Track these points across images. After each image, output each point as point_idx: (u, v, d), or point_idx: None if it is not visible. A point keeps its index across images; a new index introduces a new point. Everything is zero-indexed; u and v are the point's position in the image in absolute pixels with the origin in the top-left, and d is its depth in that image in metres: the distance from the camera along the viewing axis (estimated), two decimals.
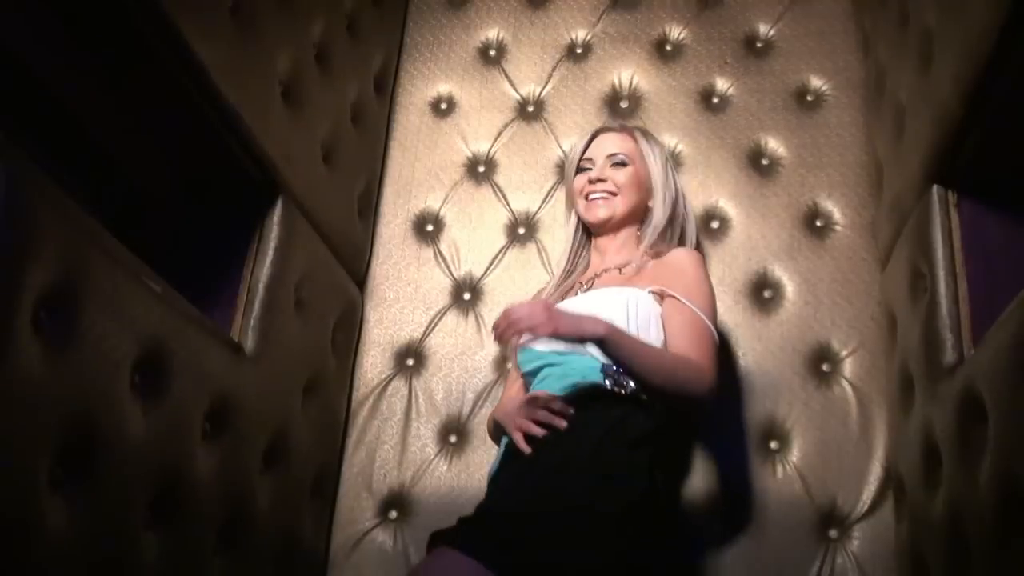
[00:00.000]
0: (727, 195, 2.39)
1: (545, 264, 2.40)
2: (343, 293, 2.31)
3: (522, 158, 2.55)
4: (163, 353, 1.50)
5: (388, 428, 2.30)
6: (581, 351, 1.81)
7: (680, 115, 2.51)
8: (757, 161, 2.42)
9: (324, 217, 2.16)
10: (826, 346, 2.18)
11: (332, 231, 2.22)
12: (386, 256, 2.50)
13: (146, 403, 1.45)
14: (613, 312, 1.80)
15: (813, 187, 2.35)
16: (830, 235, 2.29)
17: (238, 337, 1.82)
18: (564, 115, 2.59)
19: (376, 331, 2.41)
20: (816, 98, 2.45)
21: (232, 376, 1.73)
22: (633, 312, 1.82)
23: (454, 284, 2.44)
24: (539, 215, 2.48)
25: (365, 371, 2.37)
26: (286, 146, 1.96)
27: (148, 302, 1.47)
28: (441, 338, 2.38)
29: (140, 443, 1.42)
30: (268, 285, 1.90)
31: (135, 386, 1.42)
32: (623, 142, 2.10)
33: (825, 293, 2.23)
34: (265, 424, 1.87)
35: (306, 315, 2.06)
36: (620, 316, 1.80)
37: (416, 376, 2.35)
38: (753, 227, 2.34)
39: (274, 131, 1.91)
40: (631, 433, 1.70)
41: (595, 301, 1.89)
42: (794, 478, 2.07)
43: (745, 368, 2.19)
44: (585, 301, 1.91)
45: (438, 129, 2.63)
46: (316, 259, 2.14)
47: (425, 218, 2.53)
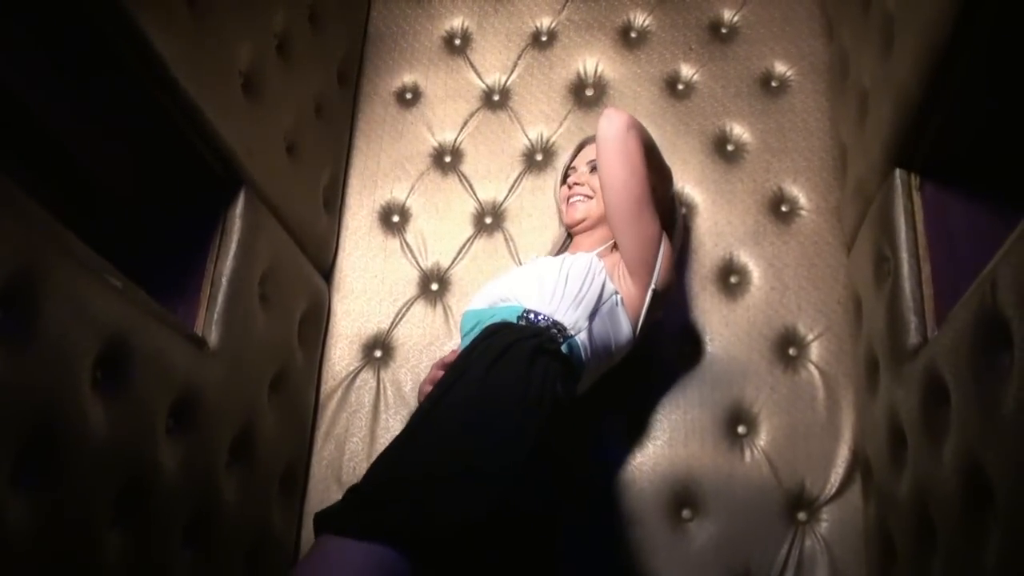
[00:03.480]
0: (693, 181, 2.39)
1: (512, 253, 2.40)
2: (309, 286, 2.30)
3: (488, 147, 2.55)
4: (125, 349, 1.48)
5: (357, 420, 2.29)
6: (509, 301, 1.86)
7: (645, 102, 2.51)
8: (723, 147, 2.42)
9: (288, 209, 2.15)
10: (792, 330, 2.19)
11: (297, 223, 2.20)
12: (352, 248, 2.49)
13: (108, 400, 1.43)
14: (541, 272, 1.86)
15: (778, 172, 2.35)
16: (796, 220, 2.30)
17: (202, 332, 1.80)
18: (530, 103, 2.58)
19: (343, 323, 2.40)
20: (781, 84, 2.46)
21: (196, 371, 1.72)
22: (567, 270, 1.86)
23: (421, 275, 2.43)
24: (506, 204, 2.47)
25: (333, 364, 2.36)
26: (248, 138, 1.93)
27: (108, 298, 1.45)
28: (409, 329, 2.37)
29: (102, 440, 1.40)
30: (232, 279, 1.87)
31: (97, 383, 1.40)
32: None
33: (791, 278, 2.23)
34: (231, 419, 1.85)
35: (271, 308, 2.05)
36: (550, 275, 1.85)
37: (384, 368, 2.34)
38: (719, 213, 2.34)
39: (235, 123, 1.88)
40: (528, 348, 1.67)
41: (520, 269, 1.97)
42: (762, 462, 2.07)
43: (712, 354, 2.20)
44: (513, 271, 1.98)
45: (403, 119, 2.62)
46: (281, 252, 2.12)
47: (391, 209, 2.52)
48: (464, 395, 1.59)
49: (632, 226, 1.90)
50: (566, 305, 1.83)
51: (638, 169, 1.90)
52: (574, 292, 1.85)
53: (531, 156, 2.53)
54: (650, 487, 2.09)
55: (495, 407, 1.56)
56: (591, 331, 1.83)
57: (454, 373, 1.66)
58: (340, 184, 2.53)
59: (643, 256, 1.91)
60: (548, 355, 1.70)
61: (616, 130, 1.90)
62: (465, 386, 1.61)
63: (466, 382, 1.61)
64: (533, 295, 1.86)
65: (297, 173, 2.22)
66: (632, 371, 2.07)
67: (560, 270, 1.89)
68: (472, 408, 1.56)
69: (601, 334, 1.86)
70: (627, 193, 1.89)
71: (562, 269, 1.89)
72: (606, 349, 1.88)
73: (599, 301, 1.86)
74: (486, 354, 1.67)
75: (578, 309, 1.83)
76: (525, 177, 2.49)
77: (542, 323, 1.79)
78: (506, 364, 1.64)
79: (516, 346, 1.68)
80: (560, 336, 1.78)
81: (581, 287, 1.86)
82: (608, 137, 1.91)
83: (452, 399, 1.58)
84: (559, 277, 1.87)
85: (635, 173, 1.90)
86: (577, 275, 1.87)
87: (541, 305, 1.83)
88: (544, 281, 1.88)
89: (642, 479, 2.11)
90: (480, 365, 1.64)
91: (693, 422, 2.14)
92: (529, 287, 1.88)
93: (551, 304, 1.83)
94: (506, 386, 1.60)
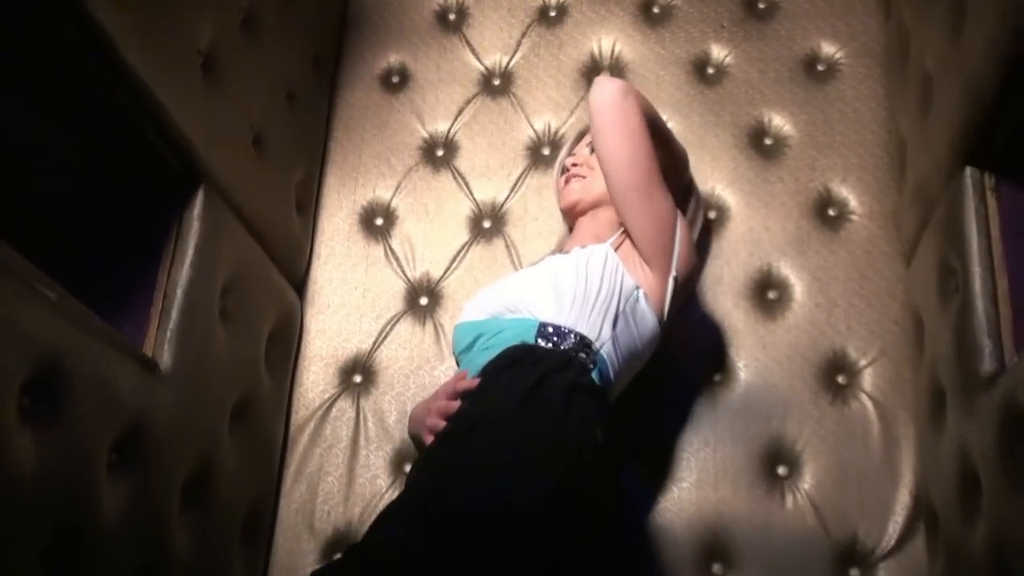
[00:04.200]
0: (725, 181, 2.38)
1: (515, 262, 2.39)
2: (278, 299, 2.29)
3: (487, 139, 2.54)
4: (60, 372, 1.46)
5: (332, 457, 2.28)
6: (519, 312, 1.85)
7: (670, 88, 2.50)
8: (759, 141, 2.41)
9: (255, 210, 2.14)
10: (842, 355, 2.18)
11: (264, 226, 2.20)
12: (329, 255, 2.48)
13: (38, 431, 1.40)
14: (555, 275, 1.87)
15: (825, 170, 2.34)
16: (845, 226, 2.29)
17: (152, 352, 1.79)
18: (535, 89, 2.57)
19: (318, 343, 2.40)
20: (828, 67, 2.44)
21: (145, 398, 1.70)
22: (584, 270, 1.86)
23: (408, 287, 2.42)
24: (507, 206, 2.46)
25: (305, 390, 2.35)
26: (208, 127, 1.93)
27: (41, 312, 1.43)
28: (394, 351, 2.36)
29: (30, 479, 1.37)
30: (188, 290, 1.87)
31: (24, 411, 1.37)
32: None
33: (840, 293, 2.22)
34: (185, 453, 1.84)
35: (234, 325, 2.04)
36: (567, 278, 1.85)
37: (365, 395, 2.33)
38: (755, 218, 2.33)
39: (193, 110, 1.87)
40: (561, 386, 1.68)
41: (526, 272, 1.98)
42: (807, 509, 2.06)
43: (747, 382, 2.18)
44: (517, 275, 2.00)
45: (388, 106, 2.62)
46: (245, 259, 2.11)
47: (374, 210, 2.52)
48: (491, 444, 1.60)
49: (642, 206, 1.90)
50: (587, 312, 1.82)
51: (640, 140, 1.89)
52: (594, 295, 1.83)
53: (536, 150, 2.51)
54: (675, 538, 2.08)
55: (530, 460, 1.57)
56: (616, 339, 1.83)
57: (472, 415, 1.66)
58: (315, 181, 2.53)
59: (659, 239, 1.91)
60: (584, 392, 1.70)
61: (611, 97, 1.89)
62: (491, 433, 1.61)
63: (493, 427, 1.62)
64: (549, 304, 1.84)
65: (265, 168, 2.22)
66: (653, 402, 2.07)
67: (577, 271, 1.87)
68: (503, 460, 1.57)
69: (627, 338, 1.86)
70: (631, 169, 1.89)
71: (579, 270, 1.87)
72: (633, 353, 1.88)
73: (621, 301, 1.85)
74: (512, 390, 1.66)
75: (602, 315, 1.82)
76: (529, 174, 2.49)
77: (567, 343, 1.78)
78: (539, 406, 1.64)
79: (548, 382, 1.68)
80: (589, 359, 1.78)
81: (601, 288, 1.84)
82: (602, 106, 1.90)
83: (477, 447, 1.60)
84: (577, 280, 1.85)
85: (637, 145, 1.89)
86: (595, 274, 1.86)
87: (560, 316, 1.81)
88: (560, 286, 1.86)
89: (665, 528, 2.09)
90: (507, 405, 1.64)
91: (725, 461, 2.12)
92: (542, 294, 1.86)
93: (571, 314, 1.81)
94: (542, 436, 1.61)
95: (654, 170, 1.90)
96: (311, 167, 2.50)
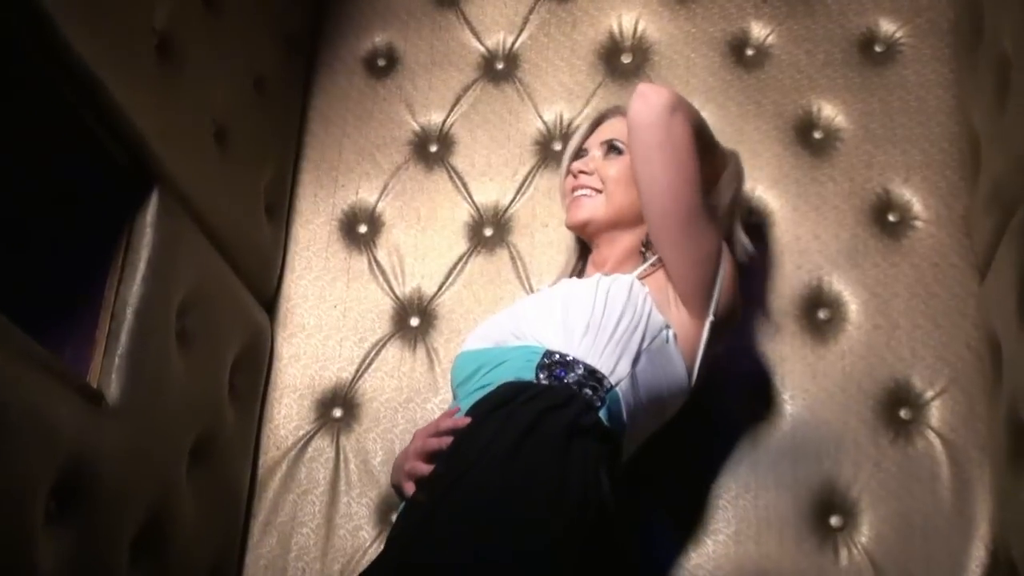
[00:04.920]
0: (767, 181, 2.37)
1: (521, 276, 2.39)
2: (245, 319, 2.30)
3: (489, 132, 2.54)
4: None
5: (308, 505, 2.27)
6: (525, 340, 1.87)
7: (702, 73, 2.49)
8: (807, 135, 2.40)
9: (217, 215, 2.15)
10: (904, 385, 2.16)
11: (229, 234, 2.20)
12: (304, 268, 2.49)
13: None
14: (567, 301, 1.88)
15: (884, 169, 2.33)
16: (908, 234, 2.28)
17: (97, 382, 1.79)
18: (545, 74, 2.57)
19: (291, 371, 2.40)
20: (887, 48, 2.44)
21: (89, 435, 1.69)
22: (603, 297, 1.86)
23: (397, 305, 2.42)
24: (512, 210, 2.46)
25: (276, 426, 2.35)
26: (163, 119, 1.93)
27: None
28: (380, 380, 2.36)
29: None
30: (140, 310, 1.86)
31: None
32: None
33: (902, 312, 2.21)
34: (136, 501, 1.82)
35: (193, 350, 2.04)
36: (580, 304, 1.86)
37: (346, 432, 2.32)
38: (803, 224, 2.32)
39: (146, 98, 1.87)
40: (559, 426, 1.67)
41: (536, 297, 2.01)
42: (864, 566, 2.05)
43: (794, 416, 2.17)
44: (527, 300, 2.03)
45: (374, 94, 2.63)
46: (207, 273, 2.11)
47: (357, 215, 2.52)
48: (478, 496, 1.59)
49: (683, 242, 1.89)
50: (602, 343, 1.81)
51: (687, 166, 1.88)
52: (612, 326, 1.83)
53: (546, 145, 2.51)
54: None
55: (522, 515, 1.56)
56: (635, 379, 1.82)
57: (458, 461, 1.65)
58: (288, 182, 2.54)
59: (698, 279, 1.91)
60: (587, 435, 1.69)
61: (655, 113, 1.88)
62: (479, 483, 1.60)
63: (480, 476, 1.61)
64: (558, 332, 1.83)
65: (229, 166, 2.22)
66: (684, 440, 2.05)
67: (595, 297, 1.86)
68: (491, 516, 1.56)
69: (648, 382, 1.84)
70: (674, 199, 1.88)
71: (597, 296, 1.86)
72: (654, 401, 1.87)
73: (645, 339, 1.84)
74: (503, 432, 1.66)
75: (619, 348, 1.81)
76: (538, 173, 2.49)
77: (573, 376, 1.77)
78: (533, 451, 1.63)
79: (545, 422, 1.67)
80: (597, 396, 1.76)
81: (621, 319, 1.83)
82: (645, 123, 1.89)
83: (462, 500, 1.59)
84: (594, 307, 1.84)
85: (684, 172, 1.88)
86: (616, 304, 1.85)
87: (570, 345, 1.81)
88: (572, 313, 1.85)
89: None
90: (497, 451, 1.63)
91: (768, 510, 2.11)
92: (552, 321, 1.86)
93: (583, 344, 1.81)
94: (536, 486, 1.60)
95: (699, 203, 1.89)
96: (283, 165, 2.51)
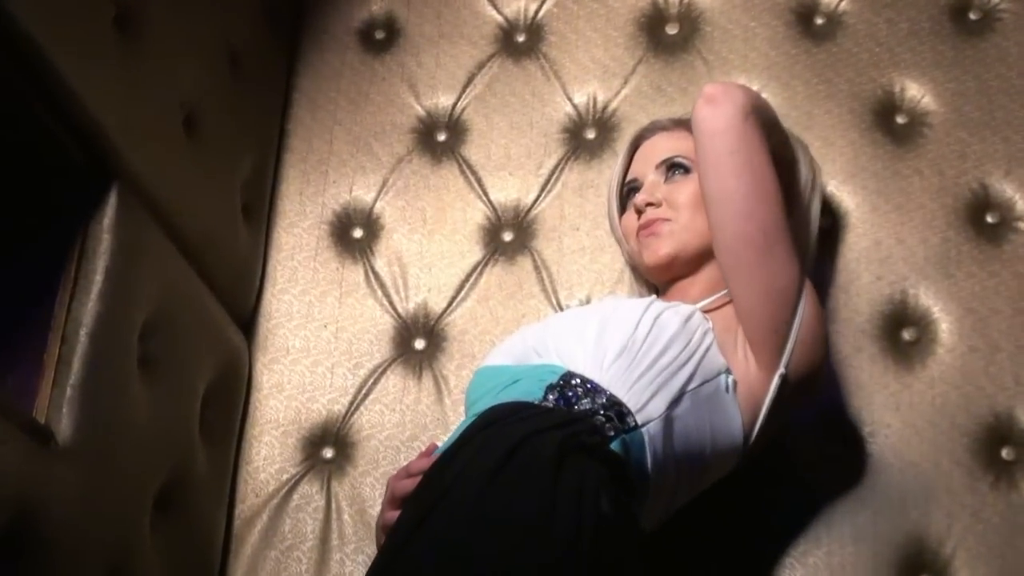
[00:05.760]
0: (841, 176, 2.36)
1: (547, 289, 2.39)
2: (219, 342, 2.31)
3: (508, 117, 2.55)
4: None
5: (293, 562, 2.27)
6: (547, 357, 1.89)
7: (762, 46, 2.49)
8: (889, 119, 2.39)
9: (187, 218, 2.16)
10: (1007, 419, 2.15)
11: (200, 241, 2.22)
12: (288, 281, 2.49)
13: None
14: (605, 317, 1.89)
15: (981, 160, 2.32)
16: (1010, 238, 2.27)
17: (46, 417, 1.78)
18: (575, 48, 2.58)
19: (273, 403, 2.40)
20: (984, 15, 2.43)
21: (36, 480, 1.69)
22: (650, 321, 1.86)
23: (399, 325, 2.42)
24: (536, 210, 2.46)
25: (256, 469, 2.35)
26: (123, 104, 1.94)
27: None
28: (379, 414, 2.35)
29: None
30: (95, 332, 1.86)
31: None
32: (679, 140, 2.11)
33: (1003, 333, 2.20)
34: (91, 555, 1.81)
35: (158, 379, 2.03)
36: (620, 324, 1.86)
37: (338, 476, 2.32)
38: (884, 227, 2.31)
39: (103, 80, 1.88)
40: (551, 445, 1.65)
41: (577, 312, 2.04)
42: None
43: (875, 457, 2.15)
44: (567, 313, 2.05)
45: (372, 73, 2.64)
46: (174, 287, 2.12)
47: (351, 218, 2.53)
48: (450, 529, 1.58)
49: (754, 270, 1.88)
50: (636, 374, 1.79)
51: (764, 181, 1.88)
52: (653, 356, 1.81)
53: (576, 132, 2.52)
54: None
55: (502, 548, 1.54)
56: (669, 424, 1.79)
57: (430, 491, 1.66)
58: (269, 178, 2.55)
59: (768, 316, 1.89)
60: (584, 453, 1.67)
61: (725, 120, 1.88)
62: (452, 515, 1.59)
63: (452, 507, 1.60)
64: (586, 352, 1.83)
65: (201, 160, 2.24)
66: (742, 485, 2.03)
67: (640, 319, 1.85)
68: (467, 551, 1.54)
69: (687, 431, 1.82)
70: (747, 218, 1.87)
71: (643, 318, 1.85)
72: (692, 457, 1.84)
73: (693, 379, 1.82)
74: (481, 457, 1.65)
75: (656, 384, 1.79)
76: (567, 166, 2.49)
77: (588, 403, 1.76)
78: (516, 472, 1.61)
79: (530, 443, 1.65)
80: (612, 425, 1.74)
81: (665, 350, 1.82)
82: (713, 131, 1.89)
83: (433, 535, 1.58)
84: (636, 330, 1.83)
85: (759, 187, 1.87)
86: (665, 332, 1.84)
87: (596, 369, 1.80)
88: (608, 333, 1.84)
89: None
90: (473, 477, 1.62)
91: (844, 568, 2.10)
92: (582, 339, 1.86)
93: (612, 369, 1.79)
94: (518, 512, 1.58)
95: (778, 225, 1.88)
96: (263, 158, 2.52)
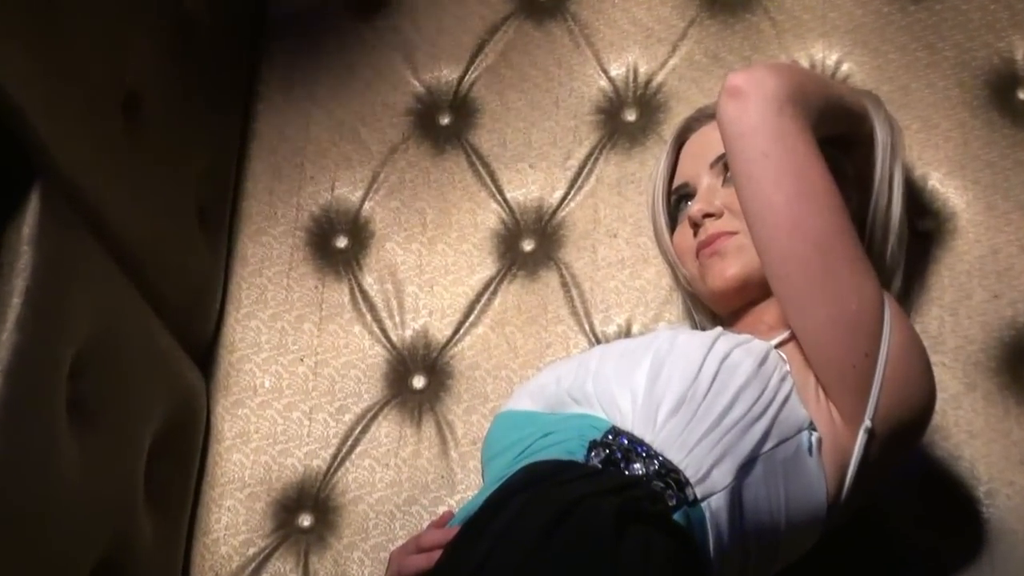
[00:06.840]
0: (947, 166, 2.36)
1: (578, 312, 2.40)
2: (169, 380, 2.33)
3: (527, 96, 2.58)
4: None
5: None
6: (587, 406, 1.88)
7: (846, 3, 2.50)
8: (1007, 95, 2.40)
9: (128, 224, 2.20)
10: None
11: (145, 252, 2.26)
12: (255, 302, 2.51)
13: None
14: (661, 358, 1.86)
15: None
16: None
17: None
18: (611, 7, 2.60)
19: (236, 458, 2.41)
20: None
21: None
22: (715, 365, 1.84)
23: (393, 358, 2.44)
24: (563, 213, 2.48)
25: (215, 541, 2.37)
26: (46, 82, 1.97)
27: None
28: (368, 471, 2.36)
29: None
30: (12, 370, 1.87)
31: None
32: None
33: None
34: None
35: (93, 428, 2.04)
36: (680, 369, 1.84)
37: (319, 549, 2.34)
38: (1002, 231, 2.31)
39: (21, 53, 1.91)
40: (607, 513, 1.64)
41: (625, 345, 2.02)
42: None
43: (997, 523, 2.15)
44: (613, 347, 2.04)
45: (359, 42, 2.66)
46: (113, 311, 2.14)
47: (333, 223, 2.55)
48: None
49: (814, 299, 1.87)
50: (696, 435, 1.78)
51: (814, 185, 1.86)
52: (719, 412, 1.79)
53: (613, 114, 2.54)
54: None
55: None
56: (736, 496, 1.78)
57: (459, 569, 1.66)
58: (230, 173, 2.57)
59: (837, 352, 1.87)
60: (647, 523, 1.66)
61: (754, 119, 1.88)
62: None
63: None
64: (636, 403, 1.81)
65: (146, 152, 2.25)
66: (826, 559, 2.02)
67: (703, 362, 1.83)
68: None
69: (758, 504, 1.81)
70: (795, 237, 1.85)
71: (708, 361, 1.83)
72: (763, 534, 1.83)
73: (768, 439, 1.81)
74: (525, 520, 1.65)
75: (721, 448, 1.78)
76: (602, 156, 2.51)
77: (637, 468, 1.76)
78: (569, 544, 1.61)
79: (583, 507, 1.65)
80: (673, 493, 1.74)
81: (735, 403, 1.80)
82: (740, 133, 1.89)
83: None
84: (698, 376, 1.81)
85: (808, 194, 1.86)
86: (735, 378, 1.82)
87: (644, 427, 1.78)
88: (664, 378, 1.82)
89: None
90: (516, 550, 1.62)
91: None
92: (631, 384, 1.84)
93: (667, 428, 1.78)
94: None
95: (838, 233, 1.86)
96: (223, 148, 2.56)
